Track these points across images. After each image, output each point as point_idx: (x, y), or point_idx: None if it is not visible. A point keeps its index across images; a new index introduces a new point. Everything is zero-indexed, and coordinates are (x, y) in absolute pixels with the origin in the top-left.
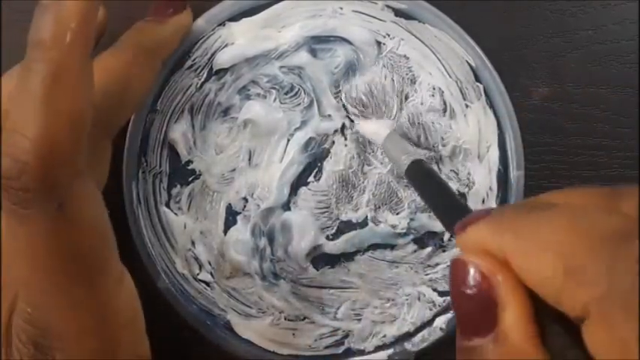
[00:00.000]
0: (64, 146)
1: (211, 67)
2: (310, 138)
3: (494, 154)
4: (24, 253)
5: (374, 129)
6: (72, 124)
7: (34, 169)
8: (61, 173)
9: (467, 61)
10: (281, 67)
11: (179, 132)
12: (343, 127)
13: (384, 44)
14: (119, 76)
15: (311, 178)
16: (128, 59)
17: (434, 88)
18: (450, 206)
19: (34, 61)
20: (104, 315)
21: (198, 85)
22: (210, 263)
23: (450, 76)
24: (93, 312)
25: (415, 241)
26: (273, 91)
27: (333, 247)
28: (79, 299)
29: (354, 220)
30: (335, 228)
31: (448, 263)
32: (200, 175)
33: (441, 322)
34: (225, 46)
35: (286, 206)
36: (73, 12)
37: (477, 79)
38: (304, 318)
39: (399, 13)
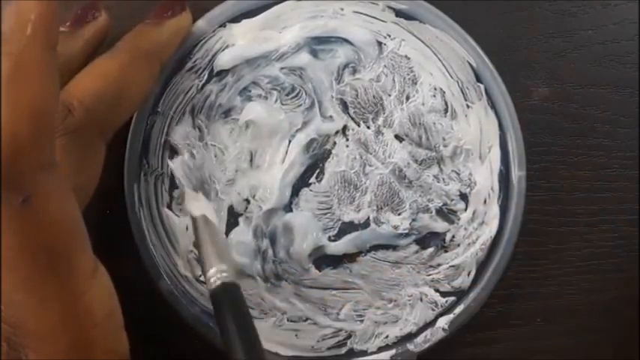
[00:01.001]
0: (26, 139)
1: (212, 68)
2: (312, 139)
3: (495, 154)
4: None
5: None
6: (34, 118)
7: None
8: (23, 166)
9: (468, 62)
10: (282, 68)
11: (180, 134)
12: (344, 128)
13: (384, 45)
14: (116, 79)
15: (312, 179)
16: (125, 62)
17: (435, 89)
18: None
19: None
20: (75, 312)
21: (199, 87)
22: None
23: (451, 77)
24: (63, 309)
25: (417, 241)
26: (274, 93)
27: (335, 248)
28: (48, 296)
29: (355, 221)
30: (337, 229)
31: (450, 264)
32: (201, 175)
33: (443, 322)
34: (226, 47)
35: (288, 207)
36: (33, 4)
37: (478, 79)
38: (307, 319)
39: (399, 13)
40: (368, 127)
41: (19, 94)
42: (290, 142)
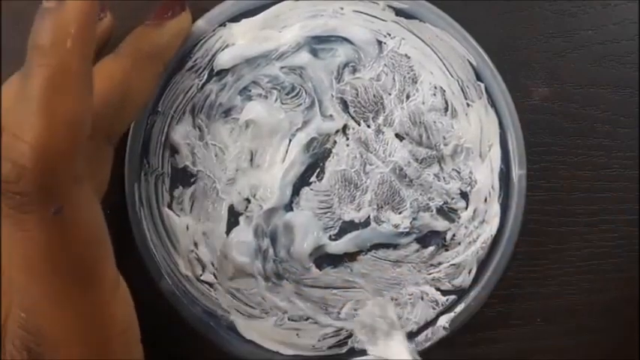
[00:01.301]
0: (63, 151)
1: (212, 68)
2: (312, 138)
3: (496, 152)
4: (20, 257)
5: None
6: (70, 129)
7: (32, 173)
8: (59, 178)
9: (468, 60)
10: (282, 67)
11: (181, 133)
12: (345, 127)
13: (385, 44)
14: (120, 83)
15: (313, 179)
16: (129, 65)
17: (435, 87)
18: None
19: (33, 67)
20: (98, 322)
21: (199, 87)
22: (213, 264)
23: (452, 75)
24: (87, 319)
25: (418, 240)
26: (275, 92)
27: (335, 247)
28: (73, 305)
29: (356, 220)
30: (337, 228)
31: (451, 262)
32: (202, 176)
33: (444, 321)
34: (226, 46)
35: (288, 207)
36: (73, 17)
37: (478, 77)
38: (308, 318)
39: (399, 12)
40: (368, 126)
41: (56, 105)
42: (290, 141)
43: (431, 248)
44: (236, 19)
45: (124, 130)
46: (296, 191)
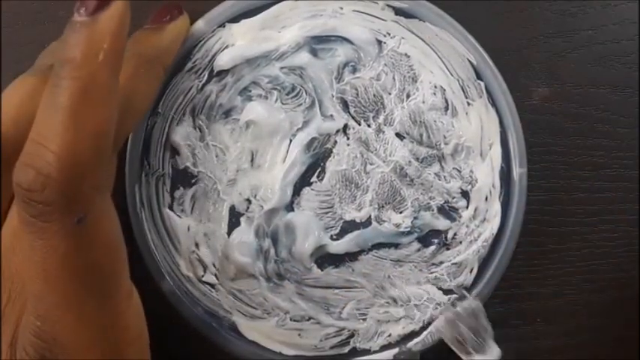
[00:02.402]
0: (88, 161)
1: (212, 68)
2: (312, 138)
3: (496, 151)
4: (40, 265)
5: None
6: (96, 140)
7: (58, 182)
8: (83, 188)
9: (468, 59)
10: (282, 67)
11: (181, 134)
12: (345, 126)
13: (384, 43)
14: (123, 89)
15: (314, 179)
16: (130, 71)
17: (435, 87)
18: None
19: (64, 78)
20: (112, 331)
21: (199, 87)
22: (214, 265)
23: (452, 74)
24: (101, 327)
25: (419, 239)
26: (275, 92)
27: (337, 247)
28: (89, 314)
29: (357, 220)
30: (339, 228)
31: (452, 261)
32: (203, 177)
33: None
34: (226, 47)
35: (289, 207)
36: (107, 31)
37: (478, 76)
38: (309, 318)
39: (399, 11)
40: (369, 126)
41: (84, 117)
42: (291, 141)
43: (432, 247)
44: (235, 19)
45: (126, 137)
46: (297, 191)
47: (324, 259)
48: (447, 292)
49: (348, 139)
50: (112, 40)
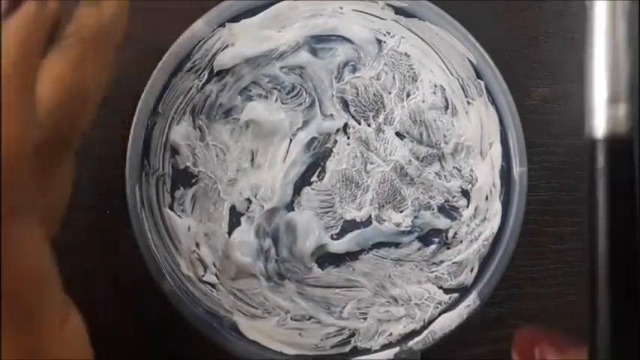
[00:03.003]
0: None
1: (212, 68)
2: (313, 138)
3: (496, 150)
4: None
5: None
6: (4, 161)
7: None
8: None
9: (467, 58)
10: (282, 67)
11: (181, 134)
12: (345, 126)
13: (384, 42)
14: (71, 82)
15: (314, 178)
16: (77, 58)
17: (435, 86)
18: None
19: None
20: (41, 355)
21: (200, 87)
22: (215, 265)
23: (452, 74)
24: (28, 352)
25: (419, 238)
26: (275, 92)
27: (337, 246)
28: (11, 347)
29: (358, 219)
30: (339, 227)
31: (453, 260)
32: (203, 177)
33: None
34: (226, 47)
35: (290, 206)
36: (12, 46)
37: (478, 75)
38: (310, 318)
39: (399, 11)
40: (369, 125)
41: None
42: (291, 141)
43: (432, 246)
44: (235, 19)
45: (83, 131)
46: (297, 191)
47: (325, 258)
48: (447, 291)
49: (348, 138)
50: (18, 51)
